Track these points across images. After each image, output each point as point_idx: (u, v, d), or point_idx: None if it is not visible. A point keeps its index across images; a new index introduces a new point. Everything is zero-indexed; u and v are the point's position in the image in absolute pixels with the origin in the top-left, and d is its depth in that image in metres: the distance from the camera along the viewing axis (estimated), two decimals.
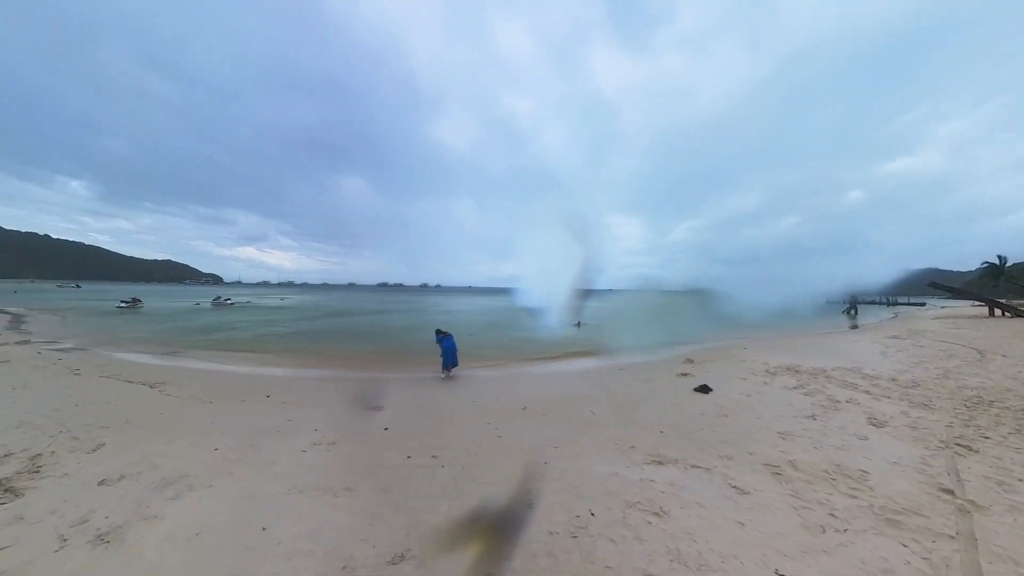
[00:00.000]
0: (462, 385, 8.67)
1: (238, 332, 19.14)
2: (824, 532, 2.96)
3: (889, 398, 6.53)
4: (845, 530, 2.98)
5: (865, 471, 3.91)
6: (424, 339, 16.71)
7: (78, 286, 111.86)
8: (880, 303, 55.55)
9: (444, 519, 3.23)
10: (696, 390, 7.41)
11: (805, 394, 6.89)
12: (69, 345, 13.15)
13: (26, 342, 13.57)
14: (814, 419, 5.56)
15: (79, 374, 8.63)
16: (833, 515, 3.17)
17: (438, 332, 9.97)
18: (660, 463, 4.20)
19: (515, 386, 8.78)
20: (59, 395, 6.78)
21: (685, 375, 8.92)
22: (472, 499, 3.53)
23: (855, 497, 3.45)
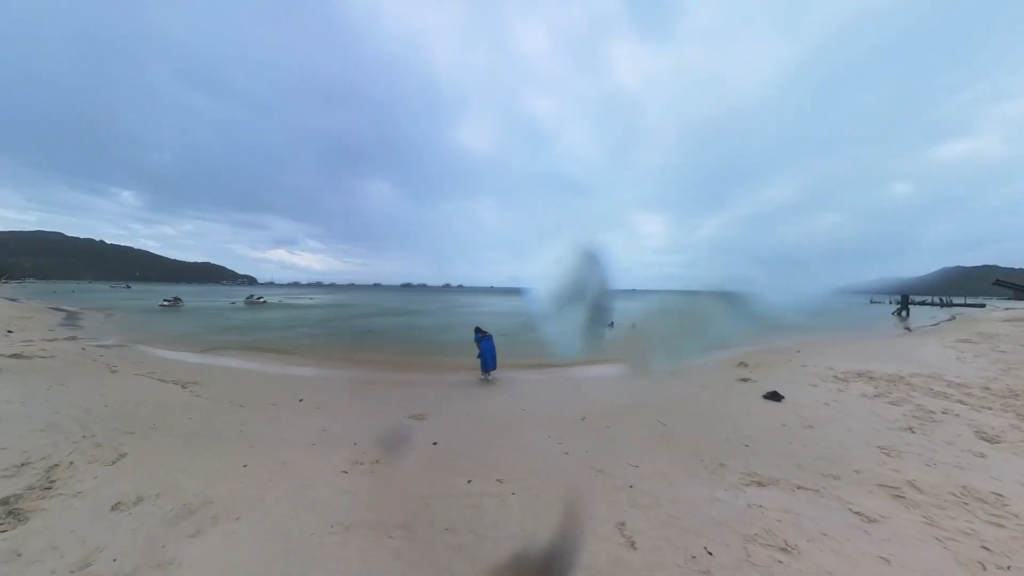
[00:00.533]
0: (506, 390, 7.88)
1: (270, 330, 19.22)
2: (985, 570, 2.53)
3: (990, 409, 5.88)
4: (1008, 567, 2.56)
5: (1000, 494, 3.42)
6: (455, 339, 16.10)
7: (128, 286, 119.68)
8: (933, 303, 51.22)
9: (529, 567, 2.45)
10: (766, 397, 6.76)
11: (891, 403, 6.20)
12: (110, 342, 13.32)
13: (73, 338, 13.87)
14: (913, 432, 5.00)
15: (115, 371, 8.43)
16: (987, 548, 2.72)
17: (477, 331, 9.23)
18: (761, 484, 3.67)
19: (564, 392, 7.94)
20: (92, 394, 6.46)
21: (745, 380, 8.24)
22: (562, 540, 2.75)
23: (1002, 526, 2.98)
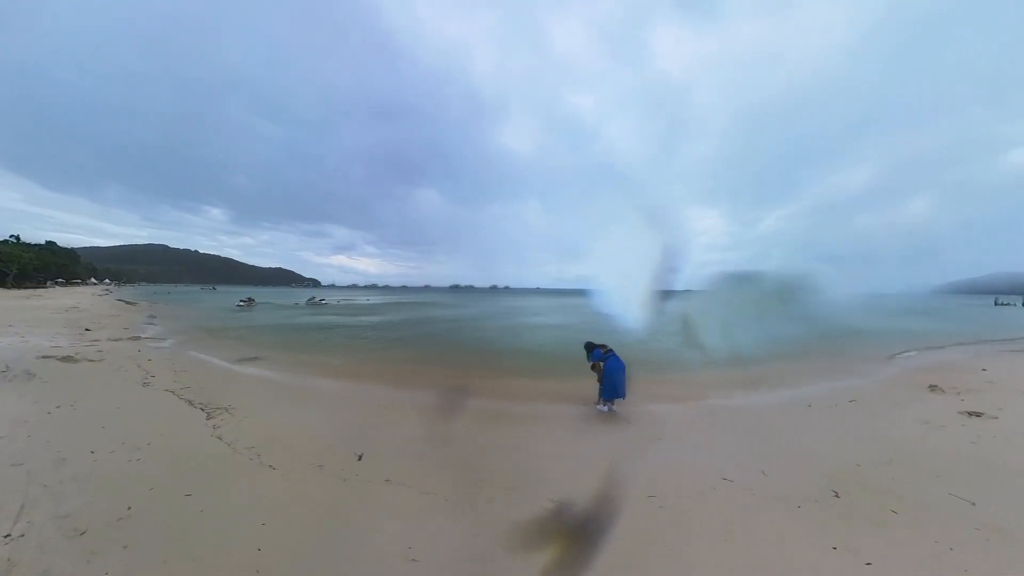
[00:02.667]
0: (656, 434, 5.06)
1: (328, 334, 18.12)
2: None
3: None
4: None
5: None
6: (533, 352, 13.52)
7: (214, 288, 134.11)
8: None
9: None
10: None
11: None
12: (167, 344, 12.50)
13: (137, 338, 13.36)
14: None
15: (147, 385, 6.91)
16: None
17: (594, 347, 6.53)
18: None
19: (745, 438, 4.94)
20: (91, 429, 4.71)
21: (977, 414, 5.84)
22: None
23: None
